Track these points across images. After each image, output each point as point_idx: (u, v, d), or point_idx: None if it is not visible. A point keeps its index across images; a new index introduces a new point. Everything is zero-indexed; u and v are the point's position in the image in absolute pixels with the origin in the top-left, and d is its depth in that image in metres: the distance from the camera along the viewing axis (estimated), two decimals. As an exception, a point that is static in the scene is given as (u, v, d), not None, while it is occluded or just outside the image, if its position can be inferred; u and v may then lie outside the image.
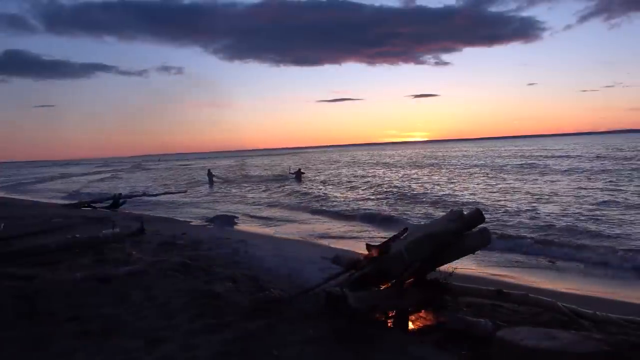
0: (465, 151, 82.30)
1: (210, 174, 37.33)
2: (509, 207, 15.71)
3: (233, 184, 33.60)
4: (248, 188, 29.62)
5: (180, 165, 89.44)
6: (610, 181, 22.56)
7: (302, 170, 36.51)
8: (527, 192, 19.93)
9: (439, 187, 24.09)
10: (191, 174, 51.64)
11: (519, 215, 13.98)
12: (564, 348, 3.12)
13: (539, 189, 20.93)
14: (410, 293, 4.58)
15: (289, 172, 38.31)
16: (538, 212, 14.48)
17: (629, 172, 26.55)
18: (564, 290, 6.92)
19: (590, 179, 24.37)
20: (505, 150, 76.79)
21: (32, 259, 6.91)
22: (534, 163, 38.91)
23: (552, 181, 24.47)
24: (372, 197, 21.54)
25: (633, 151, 48.68)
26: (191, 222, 14.96)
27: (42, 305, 4.76)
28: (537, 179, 25.93)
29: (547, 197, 18.21)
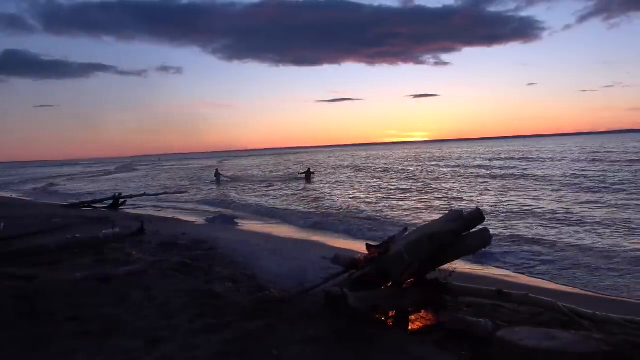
0: (456, 152, 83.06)
1: (217, 174, 37.48)
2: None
3: (241, 184, 33.59)
4: (255, 188, 29.55)
5: (170, 166, 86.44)
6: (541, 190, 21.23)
7: (311, 171, 36.37)
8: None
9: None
10: (165, 178, 47.73)
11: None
12: (564, 348, 3.11)
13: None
14: (410, 293, 4.58)
15: (298, 173, 38.33)
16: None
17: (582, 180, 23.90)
18: (564, 290, 6.92)
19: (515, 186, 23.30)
20: (489, 151, 77.14)
21: (32, 259, 6.91)
22: (488, 165, 39.53)
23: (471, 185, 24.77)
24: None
25: (619, 153, 47.36)
26: (191, 222, 14.97)
27: (42, 305, 4.75)
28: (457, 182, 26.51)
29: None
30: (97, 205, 18.78)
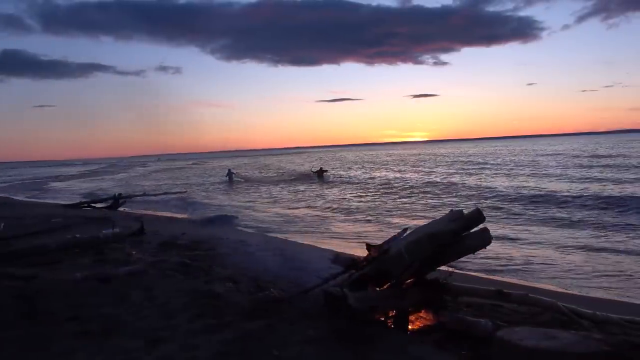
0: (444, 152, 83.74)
1: (230, 173, 37.53)
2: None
3: (254, 183, 33.62)
4: (264, 188, 29.47)
5: (155, 168, 79.54)
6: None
7: (323, 169, 36.72)
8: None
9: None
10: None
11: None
12: (564, 348, 3.11)
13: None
14: (410, 293, 4.58)
15: (311, 171, 38.58)
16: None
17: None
18: (564, 290, 6.92)
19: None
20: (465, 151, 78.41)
21: (32, 259, 6.91)
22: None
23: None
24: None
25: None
26: (191, 222, 14.95)
27: (42, 305, 4.76)
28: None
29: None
30: (97, 205, 18.78)
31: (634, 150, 50.91)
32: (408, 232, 5.04)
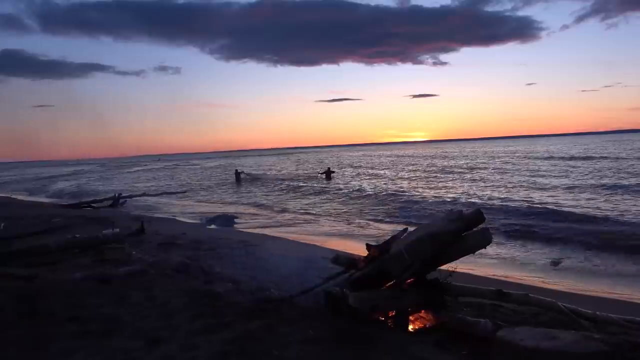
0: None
1: (237, 173, 37.52)
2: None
3: (261, 183, 33.65)
4: (268, 188, 29.45)
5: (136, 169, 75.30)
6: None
7: (331, 170, 36.89)
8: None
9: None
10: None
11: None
12: (564, 348, 3.11)
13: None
14: (410, 293, 4.58)
15: (318, 172, 38.68)
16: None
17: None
18: (564, 290, 6.92)
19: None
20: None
21: (32, 259, 6.91)
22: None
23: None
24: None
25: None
26: (191, 222, 14.96)
27: (42, 305, 4.76)
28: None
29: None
30: (97, 205, 18.80)
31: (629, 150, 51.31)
32: (408, 232, 5.04)
